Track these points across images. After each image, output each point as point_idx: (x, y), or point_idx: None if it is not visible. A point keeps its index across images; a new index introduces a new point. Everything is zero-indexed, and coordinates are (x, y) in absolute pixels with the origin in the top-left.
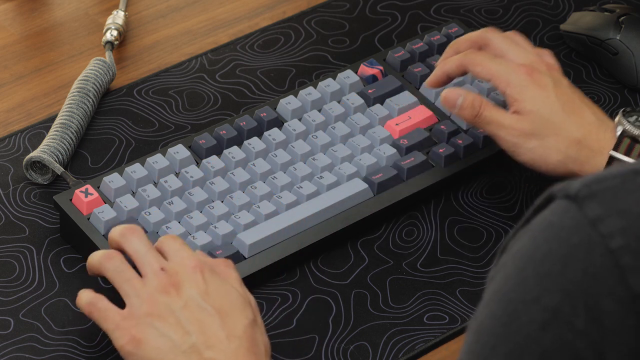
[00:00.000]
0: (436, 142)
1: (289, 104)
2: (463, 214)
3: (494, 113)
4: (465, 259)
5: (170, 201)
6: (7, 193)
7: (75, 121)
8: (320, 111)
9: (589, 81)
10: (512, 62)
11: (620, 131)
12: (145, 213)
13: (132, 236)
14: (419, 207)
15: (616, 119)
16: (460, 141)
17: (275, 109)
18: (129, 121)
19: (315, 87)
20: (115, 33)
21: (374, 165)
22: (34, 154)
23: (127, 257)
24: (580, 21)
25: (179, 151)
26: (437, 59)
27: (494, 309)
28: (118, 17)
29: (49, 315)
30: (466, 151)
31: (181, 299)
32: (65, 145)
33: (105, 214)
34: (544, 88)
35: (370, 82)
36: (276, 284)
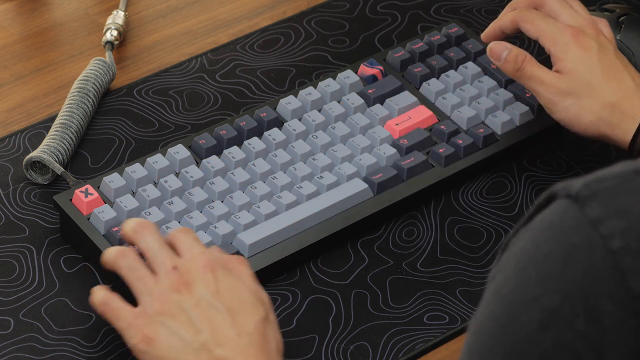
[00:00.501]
0: (436, 142)
1: (289, 104)
2: (463, 214)
3: (536, 69)
4: (465, 259)
5: (170, 201)
6: (7, 193)
7: (75, 121)
8: (320, 111)
9: None
10: (562, 23)
11: None
12: (145, 213)
13: (144, 232)
14: (419, 207)
15: None
16: (460, 141)
17: (275, 109)
18: (129, 121)
19: (315, 87)
20: (115, 33)
21: (374, 165)
22: (34, 154)
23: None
24: None
25: (179, 151)
26: (437, 58)
27: (493, 309)
28: (118, 17)
29: (49, 315)
30: (466, 151)
31: (193, 297)
32: (65, 145)
33: (105, 214)
34: (587, 50)
35: (370, 82)
36: (276, 284)
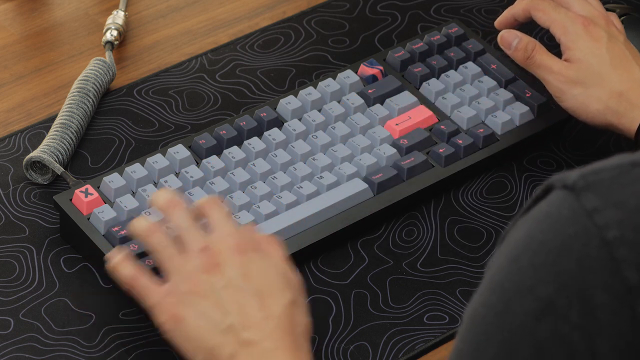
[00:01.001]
0: (436, 142)
1: (289, 104)
2: (463, 214)
3: (545, 58)
4: (465, 259)
5: None
6: (7, 193)
7: (75, 121)
8: (320, 111)
9: None
10: (573, 13)
11: None
12: (145, 213)
13: (175, 209)
14: (419, 207)
15: None
16: (460, 141)
17: (275, 109)
18: (129, 121)
19: (315, 87)
20: (115, 33)
21: (374, 165)
22: (34, 154)
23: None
24: None
25: (179, 151)
26: (437, 58)
27: (488, 297)
28: (118, 17)
29: (49, 315)
30: (466, 151)
31: (223, 279)
32: (65, 145)
33: (105, 214)
34: (597, 40)
35: (370, 82)
36: None
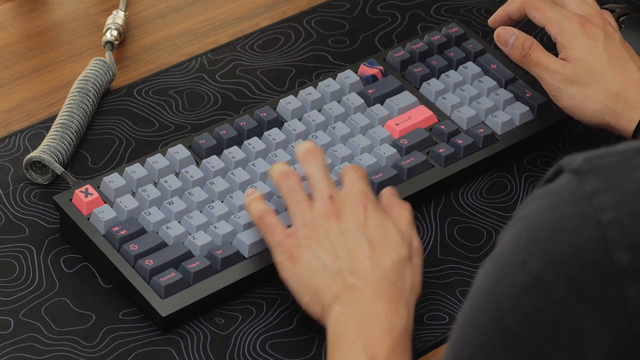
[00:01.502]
0: (436, 142)
1: (289, 104)
2: (463, 214)
3: (542, 56)
4: (465, 259)
5: (170, 201)
6: (7, 193)
7: (75, 121)
8: (320, 111)
9: None
10: (569, 11)
11: None
12: (145, 213)
13: (312, 159)
14: (419, 207)
15: None
16: (460, 141)
17: (275, 109)
18: (129, 121)
19: (315, 87)
20: (115, 33)
21: (374, 165)
22: (34, 154)
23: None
24: None
25: (179, 151)
26: (437, 58)
27: (487, 270)
28: (118, 17)
29: (49, 315)
30: (466, 151)
31: (340, 227)
32: (65, 145)
33: (105, 214)
34: (593, 39)
35: (370, 82)
36: (276, 284)
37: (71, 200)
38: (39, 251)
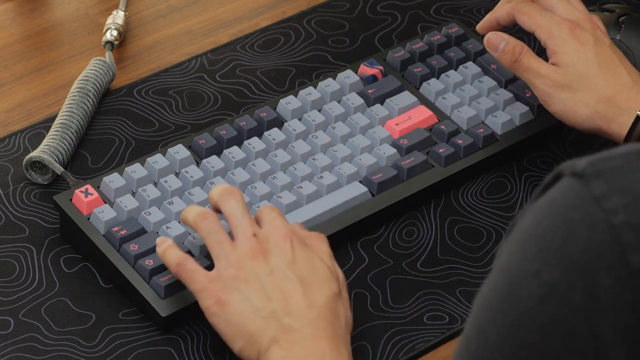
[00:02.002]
0: (436, 142)
1: (289, 104)
2: (463, 214)
3: (533, 61)
4: (465, 259)
5: (170, 201)
6: (7, 193)
7: (75, 121)
8: (320, 111)
9: None
10: (558, 16)
11: None
12: (145, 213)
13: (230, 198)
14: (419, 207)
15: None
16: (460, 141)
17: (275, 109)
18: (129, 121)
19: (315, 87)
20: (115, 33)
21: (374, 165)
22: (34, 154)
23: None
24: None
25: (179, 151)
26: (437, 58)
27: (496, 282)
28: (118, 17)
29: (49, 315)
30: (466, 151)
31: (268, 265)
32: (65, 145)
33: (105, 214)
34: (583, 44)
35: (370, 82)
36: None
37: (71, 200)
38: (39, 251)
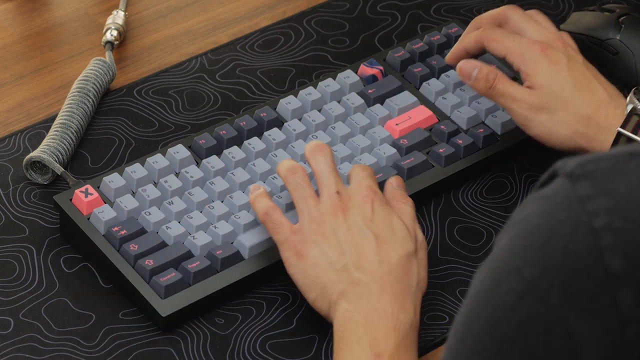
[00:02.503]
0: (436, 142)
1: (289, 104)
2: (463, 214)
3: (507, 86)
4: (465, 259)
5: (170, 201)
6: (7, 193)
7: (75, 121)
8: (320, 111)
9: None
10: (528, 38)
11: (629, 109)
12: (145, 213)
13: (320, 155)
14: (419, 207)
15: (628, 97)
16: (460, 141)
17: (275, 109)
18: (129, 121)
19: (315, 87)
20: (115, 33)
21: (374, 165)
22: (34, 154)
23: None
24: (580, 21)
25: (179, 151)
26: (437, 58)
27: (484, 275)
28: (118, 17)
29: (49, 315)
30: (466, 151)
31: (346, 222)
32: (65, 145)
33: (105, 214)
34: (556, 64)
35: (370, 82)
36: (276, 284)
37: (71, 200)
38: (39, 251)
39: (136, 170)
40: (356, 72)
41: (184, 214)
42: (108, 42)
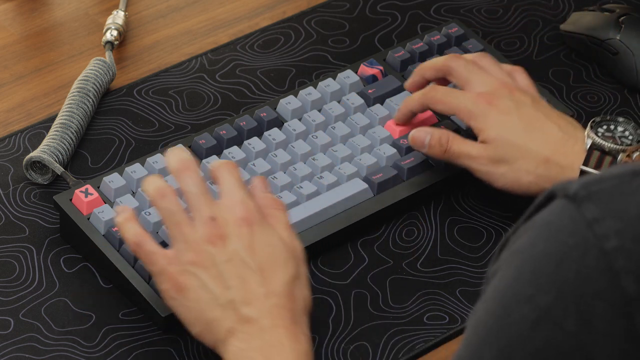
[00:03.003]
0: None
1: (289, 104)
2: (463, 214)
3: (462, 146)
4: (465, 259)
5: None
6: (7, 193)
7: (75, 121)
8: (320, 111)
9: (589, 81)
10: (471, 92)
11: (589, 144)
12: (145, 213)
13: (186, 175)
14: (419, 207)
15: (585, 131)
16: None
17: (275, 109)
18: (129, 121)
19: (315, 87)
20: (115, 33)
21: (374, 165)
22: (34, 154)
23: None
24: (580, 21)
25: None
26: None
27: (491, 305)
28: (118, 17)
29: (49, 315)
30: None
31: (226, 251)
32: (65, 145)
33: (105, 214)
34: (505, 113)
35: (370, 82)
36: None
37: (71, 200)
38: (39, 251)
39: (136, 170)
40: (356, 72)
41: None
42: (108, 42)
